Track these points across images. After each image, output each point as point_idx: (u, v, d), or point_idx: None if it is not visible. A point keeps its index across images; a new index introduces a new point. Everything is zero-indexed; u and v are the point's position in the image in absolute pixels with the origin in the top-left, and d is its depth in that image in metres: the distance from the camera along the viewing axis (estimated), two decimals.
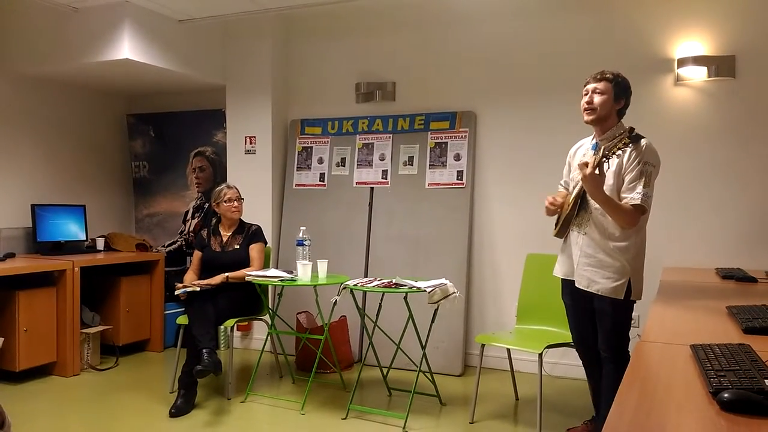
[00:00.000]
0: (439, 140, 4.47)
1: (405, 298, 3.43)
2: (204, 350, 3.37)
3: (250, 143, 4.90)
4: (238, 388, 3.84)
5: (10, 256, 4.27)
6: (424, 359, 3.46)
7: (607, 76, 2.63)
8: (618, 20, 4.04)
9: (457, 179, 4.38)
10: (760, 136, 3.73)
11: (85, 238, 4.83)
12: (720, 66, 3.77)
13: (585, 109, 2.65)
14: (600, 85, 2.62)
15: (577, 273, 2.69)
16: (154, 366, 4.49)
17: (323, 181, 4.79)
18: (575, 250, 2.70)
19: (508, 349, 3.63)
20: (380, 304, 3.68)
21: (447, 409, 3.55)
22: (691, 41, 3.86)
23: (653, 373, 1.41)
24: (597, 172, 2.46)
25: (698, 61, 3.80)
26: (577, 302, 2.78)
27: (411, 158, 4.54)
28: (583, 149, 2.79)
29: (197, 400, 3.56)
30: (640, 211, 2.53)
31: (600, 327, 2.71)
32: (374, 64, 4.73)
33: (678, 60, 3.87)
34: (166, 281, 4.79)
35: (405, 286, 3.31)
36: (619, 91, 2.63)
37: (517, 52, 4.29)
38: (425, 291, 3.24)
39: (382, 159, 4.63)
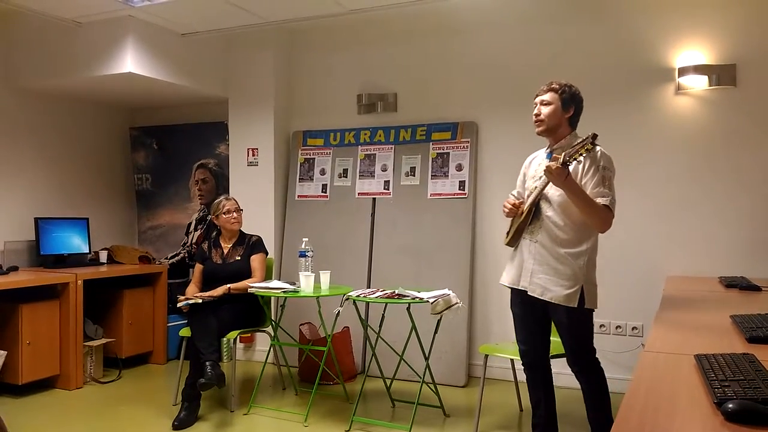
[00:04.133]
0: (441, 151, 4.48)
1: (408, 308, 3.43)
2: (207, 363, 3.36)
3: (253, 155, 4.91)
4: (241, 400, 3.83)
5: (14, 269, 4.27)
6: (427, 370, 3.45)
7: (554, 86, 2.69)
8: (619, 30, 4.05)
9: (459, 189, 4.38)
10: (761, 144, 3.73)
11: (88, 251, 4.84)
12: (721, 75, 3.77)
13: (534, 122, 2.72)
14: (546, 96, 2.69)
15: (530, 282, 2.68)
16: (157, 378, 4.48)
17: (325, 193, 4.80)
18: (527, 258, 2.70)
19: (512, 360, 3.61)
20: (383, 315, 3.68)
21: (451, 421, 3.53)
22: (692, 50, 3.87)
23: (657, 384, 1.41)
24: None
25: (699, 70, 3.81)
26: (529, 313, 2.77)
27: (413, 169, 4.55)
28: (538, 159, 2.83)
29: (200, 413, 3.55)
30: (611, 213, 2.54)
31: (563, 341, 2.73)
32: (376, 75, 4.75)
33: (679, 69, 3.88)
34: (169, 293, 4.79)
35: (408, 296, 3.31)
36: (567, 99, 2.66)
37: (518, 63, 4.31)
38: (428, 302, 3.24)
39: (384, 170, 4.63)
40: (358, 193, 4.69)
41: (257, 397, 3.82)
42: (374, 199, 4.64)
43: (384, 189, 4.61)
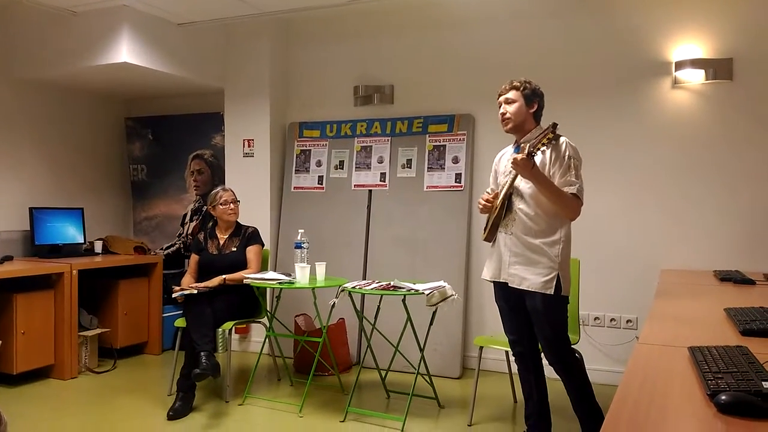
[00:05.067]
0: (438, 143, 4.48)
1: (403, 300, 3.43)
2: (202, 353, 3.37)
3: (249, 146, 4.90)
4: (236, 390, 3.84)
5: (8, 259, 4.26)
6: (422, 362, 3.46)
7: (515, 84, 2.77)
8: (616, 23, 4.05)
9: (456, 182, 4.39)
10: (757, 138, 3.74)
11: (83, 241, 4.83)
12: (717, 69, 3.78)
13: (501, 120, 2.79)
14: (510, 95, 2.77)
15: (509, 274, 2.75)
16: (152, 369, 4.48)
17: (321, 184, 4.79)
18: (504, 251, 2.77)
19: (507, 351, 3.62)
20: (378, 306, 3.68)
21: (445, 412, 3.55)
22: (689, 44, 3.87)
23: (651, 376, 1.42)
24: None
25: (696, 64, 3.81)
26: (512, 305, 2.82)
27: (409, 161, 4.55)
28: (507, 155, 2.89)
29: (195, 403, 3.56)
30: (579, 201, 2.63)
31: (538, 332, 2.76)
32: (372, 67, 4.74)
33: (675, 63, 3.88)
34: (164, 284, 4.78)
35: (403, 288, 3.32)
36: (529, 94, 2.75)
37: (515, 55, 4.29)
38: (423, 293, 3.24)
39: (380, 162, 4.63)
40: (354, 185, 4.69)
41: (252, 387, 3.83)
42: (370, 191, 4.64)
43: (380, 181, 4.61)
